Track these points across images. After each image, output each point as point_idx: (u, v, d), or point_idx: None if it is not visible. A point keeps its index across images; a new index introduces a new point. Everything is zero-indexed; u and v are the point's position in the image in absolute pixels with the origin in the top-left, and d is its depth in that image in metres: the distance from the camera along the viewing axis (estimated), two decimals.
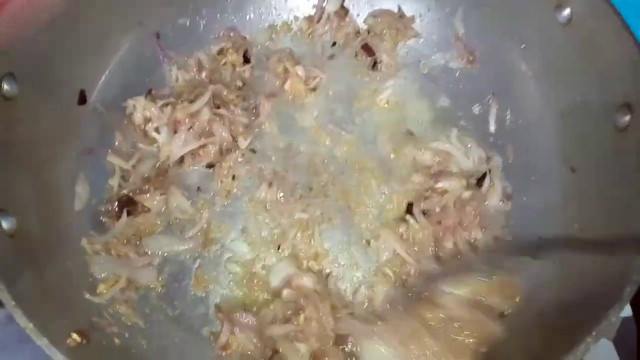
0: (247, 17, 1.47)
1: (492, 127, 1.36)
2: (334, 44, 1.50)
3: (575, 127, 1.20)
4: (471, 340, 1.04)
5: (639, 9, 1.38)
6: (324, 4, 1.47)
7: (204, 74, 1.41)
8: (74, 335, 0.91)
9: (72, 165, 1.21)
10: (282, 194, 1.30)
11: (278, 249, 1.25)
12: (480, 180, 1.27)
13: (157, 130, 1.30)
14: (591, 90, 1.15)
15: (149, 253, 1.21)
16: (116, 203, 1.23)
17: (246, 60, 1.43)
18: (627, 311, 1.20)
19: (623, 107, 1.04)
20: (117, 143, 1.31)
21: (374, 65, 1.44)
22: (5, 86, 1.04)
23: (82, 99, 1.26)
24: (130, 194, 1.25)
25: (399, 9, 1.46)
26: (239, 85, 1.40)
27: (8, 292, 0.84)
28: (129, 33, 1.33)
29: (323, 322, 1.11)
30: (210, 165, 1.32)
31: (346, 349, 1.11)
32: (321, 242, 1.25)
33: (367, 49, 1.44)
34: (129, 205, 1.23)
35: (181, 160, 1.31)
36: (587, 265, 1.02)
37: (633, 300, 0.88)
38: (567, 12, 1.17)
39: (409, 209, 1.25)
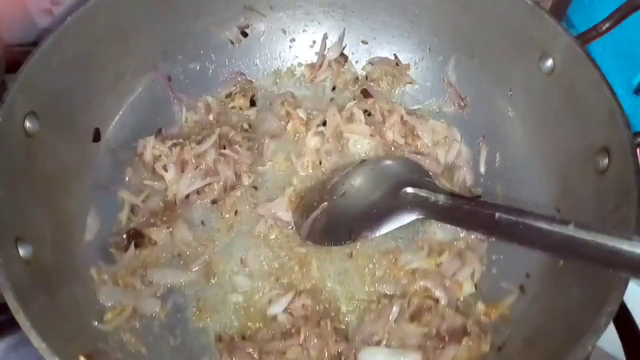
0: (254, 62, 1.58)
1: (482, 169, 1.44)
2: (334, 88, 1.59)
3: (558, 169, 1.27)
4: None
5: (615, 60, 1.48)
6: (325, 52, 1.58)
7: (211, 116, 1.50)
8: (82, 359, 0.96)
9: (85, 199, 1.29)
10: (279, 230, 1.36)
11: (277, 280, 1.30)
12: None
13: (164, 168, 1.38)
14: (572, 134, 1.22)
15: (154, 283, 1.27)
16: (125, 235, 1.29)
17: (252, 103, 1.52)
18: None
19: (602, 151, 1.11)
20: (127, 179, 1.39)
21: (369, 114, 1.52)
22: (28, 123, 1.13)
23: (97, 137, 1.35)
24: (138, 227, 1.31)
25: (395, 57, 1.56)
26: (245, 128, 1.49)
27: (24, 314, 0.89)
28: (143, 75, 1.43)
29: (325, 337, 1.16)
30: (214, 201, 1.39)
31: None
32: (319, 274, 1.30)
33: (366, 94, 1.53)
34: (136, 237, 1.29)
35: (187, 196, 1.38)
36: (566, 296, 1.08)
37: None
38: (550, 62, 1.26)
39: None
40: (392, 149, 1.46)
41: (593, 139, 1.15)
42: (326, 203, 1.33)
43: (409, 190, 1.25)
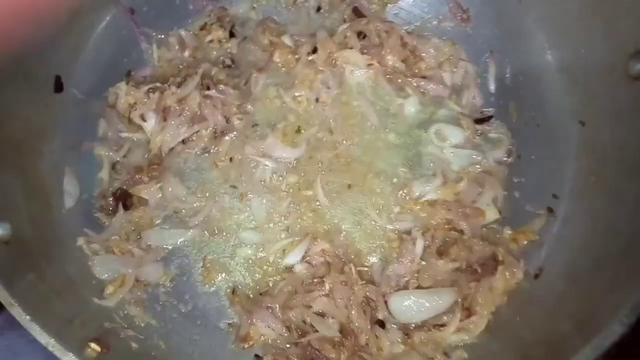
0: None
1: (492, 87, 1.33)
2: (319, 9, 1.42)
3: (580, 79, 1.17)
4: None
5: None
6: None
7: (186, 53, 1.32)
8: (93, 345, 0.84)
9: (56, 160, 1.12)
10: (281, 173, 1.23)
11: (287, 229, 1.19)
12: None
13: (143, 117, 1.21)
14: (597, 39, 1.12)
15: (152, 247, 1.13)
16: (110, 197, 1.14)
17: (232, 34, 1.34)
18: None
19: (636, 54, 1.01)
20: (100, 132, 1.22)
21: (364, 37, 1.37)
22: None
23: (59, 87, 1.15)
24: (124, 186, 1.16)
25: None
26: (227, 63, 1.31)
27: (8, 293, 0.75)
28: (102, 10, 1.22)
29: (352, 283, 1.08)
30: (205, 150, 1.23)
31: (378, 316, 1.08)
32: (332, 217, 1.19)
33: (357, 13, 1.37)
34: (124, 198, 1.15)
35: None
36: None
37: None
38: None
39: None
40: (393, 75, 1.32)
41: (624, 43, 1.05)
42: None
43: None
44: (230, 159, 1.24)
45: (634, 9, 1.02)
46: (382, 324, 1.08)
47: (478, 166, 1.26)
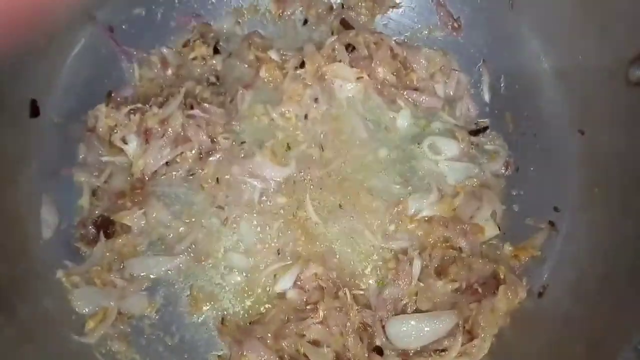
0: (209, 0, 1.33)
1: (487, 96, 1.29)
2: (306, 22, 1.38)
3: (578, 87, 1.13)
4: None
5: None
6: None
7: (169, 71, 1.27)
8: None
9: (34, 188, 1.06)
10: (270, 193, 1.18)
11: (278, 252, 1.13)
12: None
13: (124, 140, 1.15)
14: (593, 46, 1.08)
15: (136, 277, 1.08)
16: (91, 225, 1.08)
17: (215, 51, 1.29)
18: None
19: (637, 59, 0.97)
20: (80, 157, 1.16)
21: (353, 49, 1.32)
22: None
23: (35, 111, 1.10)
24: (106, 213, 1.10)
25: None
26: (212, 81, 1.27)
27: None
28: (78, 30, 1.17)
29: (347, 309, 1.03)
30: (190, 172, 1.18)
31: (376, 342, 1.03)
32: (324, 238, 1.14)
33: (345, 24, 1.32)
34: (105, 226, 1.09)
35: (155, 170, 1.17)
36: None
37: None
38: None
39: None
40: (384, 88, 1.28)
41: (622, 48, 1.01)
42: None
43: None
44: (217, 180, 1.18)
45: (629, 13, 0.98)
46: (379, 350, 1.03)
47: (475, 179, 1.21)
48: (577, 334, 0.94)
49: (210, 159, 1.18)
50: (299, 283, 1.09)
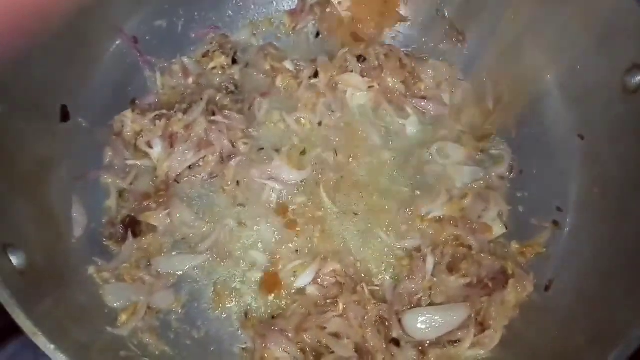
0: (226, 13, 1.40)
1: (491, 105, 1.35)
2: (318, 34, 1.45)
3: (577, 94, 1.20)
4: None
5: None
6: None
7: (190, 80, 1.33)
8: None
9: (64, 189, 1.11)
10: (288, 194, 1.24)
11: (296, 250, 1.19)
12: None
13: (149, 144, 1.21)
14: (591, 56, 1.15)
15: (162, 274, 1.12)
16: (119, 225, 1.13)
17: (234, 61, 1.36)
18: None
19: (633, 69, 1.05)
20: (107, 160, 1.22)
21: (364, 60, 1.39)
22: None
23: (65, 116, 1.15)
24: (132, 213, 1.15)
25: None
26: (230, 89, 1.33)
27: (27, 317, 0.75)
28: (107, 40, 1.23)
29: (364, 303, 1.08)
30: (212, 175, 1.24)
31: (392, 334, 1.08)
32: (340, 237, 1.20)
33: (356, 37, 1.40)
34: (133, 225, 1.14)
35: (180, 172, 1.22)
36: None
37: None
38: None
39: None
40: (394, 96, 1.35)
41: (619, 58, 1.08)
42: None
43: None
44: (237, 183, 1.24)
45: (625, 25, 1.06)
46: (397, 342, 1.08)
47: (481, 182, 1.28)
48: (582, 325, 1.00)
49: (231, 162, 1.23)
50: (318, 279, 1.14)
